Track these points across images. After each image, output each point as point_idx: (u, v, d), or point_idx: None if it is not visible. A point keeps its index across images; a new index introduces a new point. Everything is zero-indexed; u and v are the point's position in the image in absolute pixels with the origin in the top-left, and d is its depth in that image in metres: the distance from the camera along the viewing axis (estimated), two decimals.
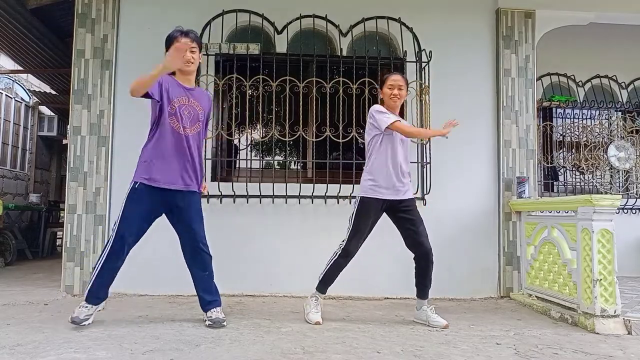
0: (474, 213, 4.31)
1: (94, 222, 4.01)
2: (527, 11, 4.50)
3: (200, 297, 3.02)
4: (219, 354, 2.33)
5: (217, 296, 3.04)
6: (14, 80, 8.47)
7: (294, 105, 4.16)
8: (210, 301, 2.99)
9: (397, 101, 3.18)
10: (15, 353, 2.27)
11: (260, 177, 4.20)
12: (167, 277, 3.90)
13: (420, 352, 2.47)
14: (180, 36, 2.84)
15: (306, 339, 2.67)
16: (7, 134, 8.32)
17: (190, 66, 2.89)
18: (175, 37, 2.85)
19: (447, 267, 4.11)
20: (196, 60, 2.92)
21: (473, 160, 4.37)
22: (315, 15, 4.26)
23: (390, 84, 3.16)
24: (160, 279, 3.91)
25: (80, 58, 4.12)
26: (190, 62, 2.87)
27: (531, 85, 4.46)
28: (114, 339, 2.53)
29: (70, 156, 4.05)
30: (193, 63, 2.90)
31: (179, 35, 2.85)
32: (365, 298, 4.06)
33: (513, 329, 3.05)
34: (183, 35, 2.85)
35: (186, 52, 2.81)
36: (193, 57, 2.88)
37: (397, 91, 3.14)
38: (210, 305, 2.98)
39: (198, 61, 2.95)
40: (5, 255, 6.14)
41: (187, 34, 2.87)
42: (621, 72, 5.58)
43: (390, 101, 3.18)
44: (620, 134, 5.52)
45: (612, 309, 3.02)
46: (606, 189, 5.42)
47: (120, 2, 4.21)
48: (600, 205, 3.06)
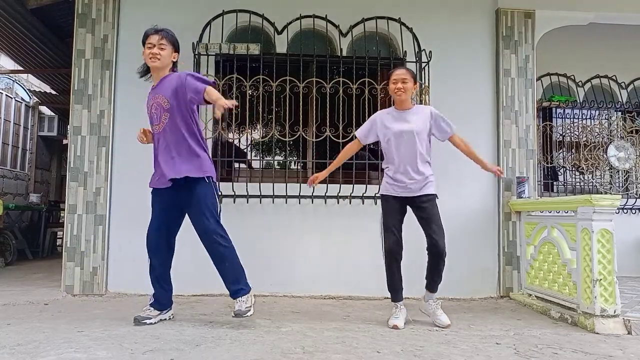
0: (474, 213, 4.31)
1: (94, 222, 4.01)
2: (527, 11, 4.50)
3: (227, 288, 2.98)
4: (219, 354, 2.33)
5: (241, 284, 2.94)
6: (14, 80, 8.48)
7: (294, 106, 4.16)
8: (235, 290, 2.92)
9: (402, 94, 3.13)
10: (15, 353, 2.27)
11: (261, 177, 4.20)
12: None
13: (420, 351, 2.47)
14: (149, 32, 2.88)
15: (306, 338, 2.67)
16: (8, 134, 8.32)
17: (154, 61, 2.86)
18: (145, 34, 2.90)
19: (447, 267, 4.06)
20: (162, 56, 2.86)
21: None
22: (315, 15, 4.26)
23: (394, 79, 3.15)
24: None
25: (81, 58, 4.12)
26: (156, 58, 2.85)
27: (531, 86, 4.47)
28: (114, 339, 2.54)
29: (70, 156, 4.06)
30: (158, 59, 2.85)
31: (149, 32, 2.89)
32: (365, 298, 4.06)
33: (513, 328, 3.06)
34: (152, 32, 2.88)
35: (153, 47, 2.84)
36: (159, 54, 2.84)
37: (401, 84, 3.11)
38: (235, 295, 2.92)
39: (167, 58, 2.90)
40: (6, 255, 6.14)
41: (158, 31, 2.88)
42: (621, 72, 5.58)
43: (396, 96, 3.16)
44: (620, 134, 5.52)
45: (611, 308, 3.02)
46: (606, 189, 5.42)
47: (121, 2, 4.21)
48: (600, 205, 3.07)
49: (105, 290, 3.96)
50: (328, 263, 4.10)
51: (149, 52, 2.85)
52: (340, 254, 4.14)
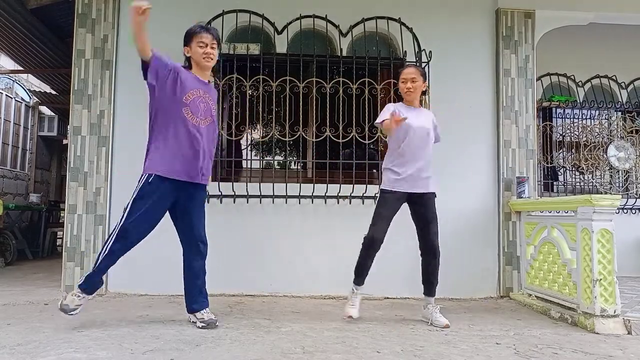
0: (474, 213, 4.31)
1: (94, 222, 4.01)
2: (526, 11, 4.50)
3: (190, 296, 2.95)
4: (219, 354, 2.33)
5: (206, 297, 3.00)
6: (14, 80, 8.48)
7: (294, 106, 4.16)
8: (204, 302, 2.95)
9: (412, 94, 3.17)
10: (15, 353, 2.27)
11: (261, 177, 4.20)
12: (167, 277, 3.89)
13: (420, 351, 2.47)
14: (201, 31, 2.88)
15: (306, 338, 2.67)
16: (7, 134, 8.32)
17: (209, 61, 2.92)
18: (195, 32, 2.89)
19: (447, 267, 4.09)
20: (215, 56, 2.94)
21: (473, 160, 4.38)
22: (315, 15, 4.26)
23: (404, 78, 3.17)
24: (160, 279, 3.90)
25: (81, 58, 4.12)
26: (210, 58, 2.91)
27: (531, 86, 4.47)
28: (114, 339, 2.54)
29: (70, 156, 4.06)
30: (212, 59, 2.93)
31: (200, 31, 2.88)
32: (365, 298, 4.05)
33: (513, 328, 3.06)
34: (204, 31, 2.89)
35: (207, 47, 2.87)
36: (213, 53, 2.91)
37: (411, 84, 3.13)
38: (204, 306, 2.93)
39: (216, 58, 2.98)
40: (6, 255, 6.15)
41: (209, 30, 2.92)
42: (621, 72, 5.58)
43: (406, 95, 3.19)
44: (620, 134, 5.52)
45: (611, 308, 3.02)
46: (606, 189, 5.42)
47: (121, 2, 4.21)
48: (600, 205, 3.07)
49: (105, 290, 3.95)
50: (328, 263, 4.09)
51: (202, 52, 2.87)
52: (340, 254, 4.13)
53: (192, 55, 2.92)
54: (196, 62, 2.93)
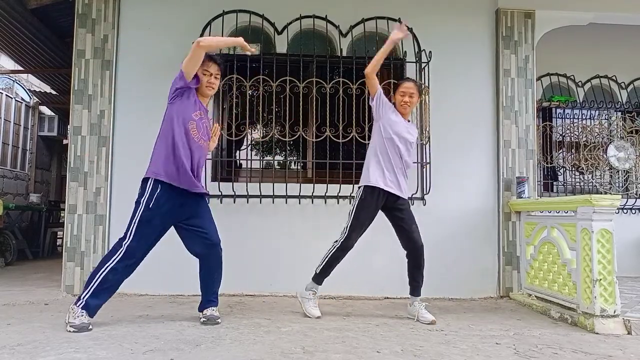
0: (474, 213, 4.31)
1: (94, 222, 4.01)
2: (526, 11, 4.50)
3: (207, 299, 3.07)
4: (219, 354, 2.33)
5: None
6: (14, 80, 8.48)
7: (294, 106, 4.16)
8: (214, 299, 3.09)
9: (407, 108, 3.28)
10: (15, 353, 2.27)
11: (261, 177, 4.20)
12: (167, 277, 3.91)
13: (420, 351, 2.48)
14: (209, 60, 2.95)
15: (306, 338, 2.67)
16: (8, 134, 8.32)
17: (210, 90, 3.04)
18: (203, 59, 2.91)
19: (447, 267, 4.12)
20: (216, 87, 3.06)
21: (473, 160, 4.38)
22: (315, 15, 4.26)
23: (402, 91, 3.26)
24: (160, 279, 3.91)
25: (81, 58, 4.12)
26: (212, 87, 3.02)
27: (531, 86, 4.47)
28: (114, 339, 2.54)
29: (70, 156, 4.06)
30: (214, 89, 3.04)
31: (207, 59, 2.94)
32: (365, 298, 4.06)
33: (512, 328, 3.06)
34: (211, 61, 2.97)
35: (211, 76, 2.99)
36: (215, 83, 3.03)
37: (408, 98, 3.24)
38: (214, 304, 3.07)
39: (216, 88, 3.08)
40: (6, 255, 6.15)
41: (215, 61, 3.00)
42: (621, 72, 5.58)
43: (401, 108, 3.27)
44: (619, 134, 5.53)
45: (611, 309, 3.02)
46: (606, 189, 5.42)
47: (121, 2, 4.22)
48: (600, 205, 3.07)
49: None
50: None
51: (206, 80, 2.98)
52: None
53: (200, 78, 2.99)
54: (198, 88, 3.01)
